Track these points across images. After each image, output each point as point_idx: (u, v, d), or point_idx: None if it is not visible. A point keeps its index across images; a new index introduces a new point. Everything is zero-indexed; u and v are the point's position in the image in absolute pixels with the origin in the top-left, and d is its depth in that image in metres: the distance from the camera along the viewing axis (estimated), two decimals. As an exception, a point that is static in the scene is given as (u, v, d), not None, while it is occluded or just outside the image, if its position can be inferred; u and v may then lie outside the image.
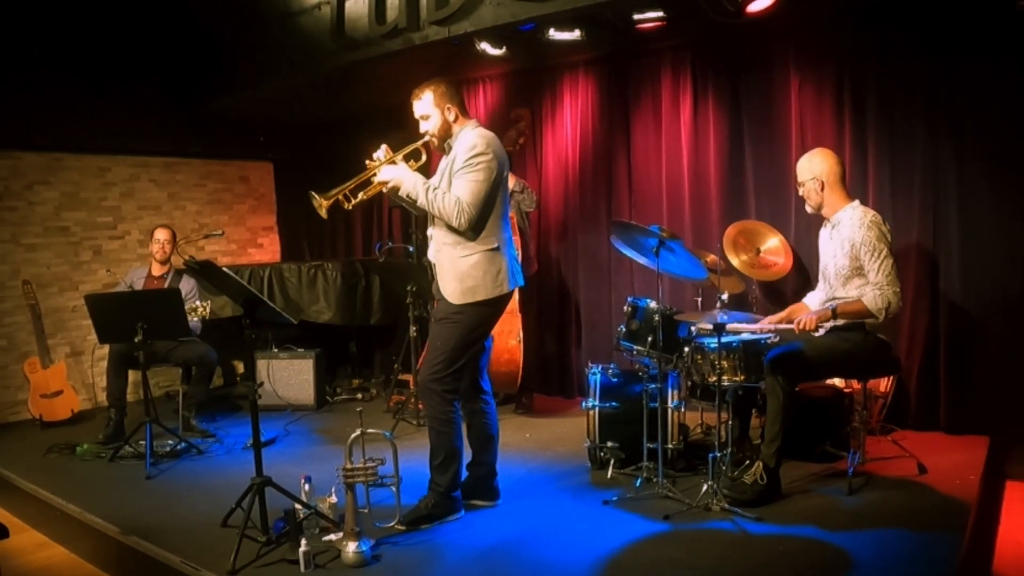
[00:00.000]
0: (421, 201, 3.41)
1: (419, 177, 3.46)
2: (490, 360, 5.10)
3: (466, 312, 3.47)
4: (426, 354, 3.59)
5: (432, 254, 3.59)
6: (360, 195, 3.52)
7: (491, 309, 3.52)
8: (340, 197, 3.49)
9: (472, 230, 3.43)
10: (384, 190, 3.51)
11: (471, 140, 3.44)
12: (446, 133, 3.55)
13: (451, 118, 3.53)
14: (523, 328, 5.32)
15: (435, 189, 3.41)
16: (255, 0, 5.69)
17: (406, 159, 3.54)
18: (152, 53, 6.49)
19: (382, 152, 3.53)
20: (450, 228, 3.45)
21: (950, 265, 4.53)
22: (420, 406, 5.12)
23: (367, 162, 3.53)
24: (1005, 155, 4.33)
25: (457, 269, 3.46)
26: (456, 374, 3.52)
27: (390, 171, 3.47)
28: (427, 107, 3.52)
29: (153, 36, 6.43)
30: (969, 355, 4.50)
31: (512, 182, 5.45)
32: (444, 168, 3.51)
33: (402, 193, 3.46)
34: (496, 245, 3.48)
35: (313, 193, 3.48)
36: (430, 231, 3.60)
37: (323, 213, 3.49)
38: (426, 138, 3.57)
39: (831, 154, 3.83)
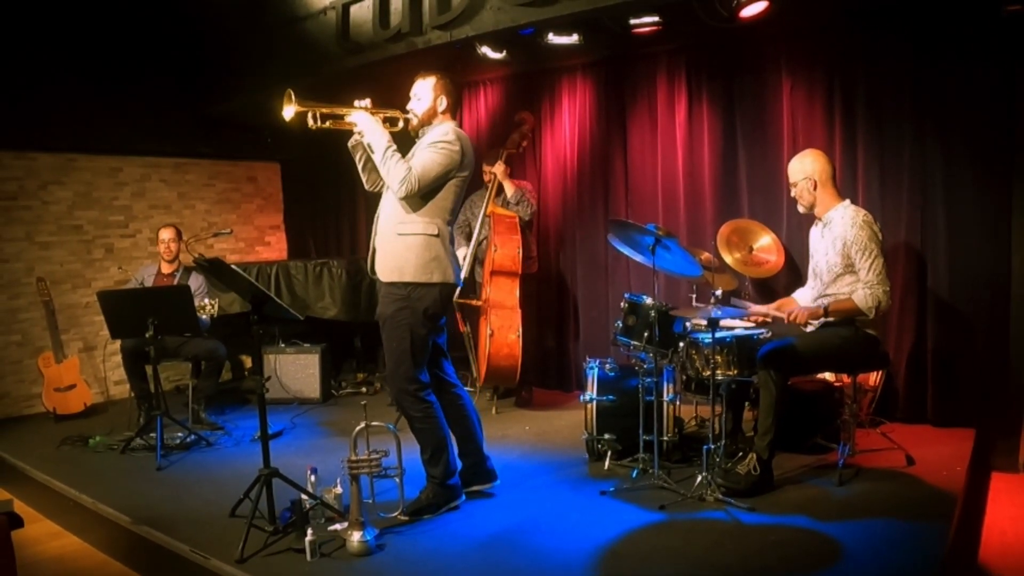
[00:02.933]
0: (378, 156, 3.46)
1: (387, 135, 3.51)
2: (491, 355, 5.26)
3: (408, 306, 3.48)
4: (387, 361, 3.59)
5: (375, 233, 3.62)
6: (328, 123, 3.58)
7: (422, 301, 3.48)
8: (309, 113, 3.53)
9: (412, 208, 3.47)
10: (355, 131, 3.57)
11: (446, 129, 3.53)
12: (428, 119, 3.62)
13: (440, 108, 3.61)
14: (523, 324, 5.36)
15: (396, 151, 3.46)
16: (263, 5, 5.73)
17: (383, 121, 3.59)
18: (163, 57, 6.56)
19: (367, 102, 3.59)
20: (398, 207, 3.50)
21: (937, 262, 4.59)
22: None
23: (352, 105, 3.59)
24: (990, 156, 4.39)
25: (392, 246, 3.51)
26: (419, 369, 3.54)
27: (364, 116, 3.53)
28: (425, 89, 3.61)
29: (164, 40, 6.50)
30: (956, 350, 4.56)
31: (510, 192, 5.53)
32: (411, 152, 3.56)
33: (365, 140, 3.52)
34: (436, 232, 3.50)
35: (290, 91, 3.49)
36: (379, 212, 3.63)
37: (285, 113, 3.49)
38: (409, 115, 3.63)
39: (821, 154, 3.88)
